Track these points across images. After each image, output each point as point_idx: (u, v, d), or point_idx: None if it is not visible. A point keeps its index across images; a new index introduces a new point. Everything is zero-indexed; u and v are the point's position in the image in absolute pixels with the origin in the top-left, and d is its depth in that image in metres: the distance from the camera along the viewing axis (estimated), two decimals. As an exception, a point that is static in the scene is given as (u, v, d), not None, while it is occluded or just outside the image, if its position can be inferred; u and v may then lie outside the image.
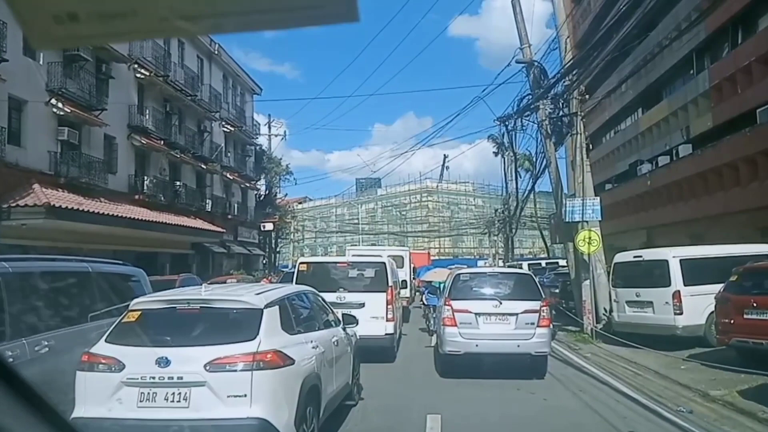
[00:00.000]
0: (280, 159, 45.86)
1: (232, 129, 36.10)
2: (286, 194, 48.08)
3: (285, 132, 45.06)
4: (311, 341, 5.73)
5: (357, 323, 7.41)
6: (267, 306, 5.15)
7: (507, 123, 15.71)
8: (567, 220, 14.79)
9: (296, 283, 10.46)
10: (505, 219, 43.80)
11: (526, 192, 25.11)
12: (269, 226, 40.69)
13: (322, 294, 10.42)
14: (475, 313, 8.93)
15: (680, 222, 24.16)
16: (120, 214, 20.64)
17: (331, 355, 6.36)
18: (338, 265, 11.20)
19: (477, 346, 8.78)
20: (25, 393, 1.04)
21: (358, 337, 8.15)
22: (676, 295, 11.37)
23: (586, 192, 14.84)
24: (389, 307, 10.44)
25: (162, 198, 26.50)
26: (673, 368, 9.91)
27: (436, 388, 8.77)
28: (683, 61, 25.49)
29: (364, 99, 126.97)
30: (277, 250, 48.15)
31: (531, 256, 62.94)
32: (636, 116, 32.29)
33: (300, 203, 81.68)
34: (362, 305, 10.41)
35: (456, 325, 8.90)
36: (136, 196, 24.59)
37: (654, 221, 26.68)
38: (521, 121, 15.31)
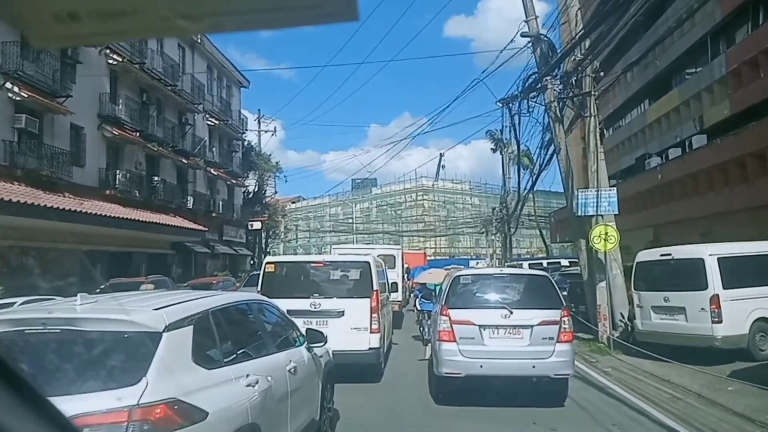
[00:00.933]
0: (270, 155, 44.11)
1: (217, 122, 34.23)
2: (276, 192, 46.24)
3: (275, 128, 43.31)
4: (247, 375, 3.94)
5: (325, 341, 5.59)
6: (170, 327, 3.36)
7: (510, 105, 13.95)
8: (579, 213, 13.03)
9: (261, 288, 8.72)
10: (503, 217, 42.21)
11: (528, 187, 23.32)
12: (257, 225, 38.85)
13: (293, 300, 8.71)
14: (480, 326, 7.12)
15: (691, 219, 22.48)
16: (86, 210, 18.75)
17: (284, 388, 4.59)
18: (313, 265, 9.32)
19: (482, 367, 6.97)
20: (25, 391, 1.04)
21: (331, 356, 6.40)
22: (714, 299, 9.63)
23: (600, 182, 13.09)
24: (374, 316, 8.65)
25: (137, 194, 24.65)
26: (718, 390, 8.17)
27: (430, 420, 7.00)
28: (695, 46, 23.81)
29: (357, 89, 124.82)
30: (268, 250, 46.33)
31: (528, 256, 61.42)
32: (642, 108, 30.62)
33: (293, 202, 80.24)
34: (341, 314, 8.63)
35: (455, 341, 7.10)
36: (108, 192, 22.73)
37: (662, 218, 24.96)
38: (527, 103, 13.53)
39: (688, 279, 10.06)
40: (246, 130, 41.18)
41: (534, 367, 6.92)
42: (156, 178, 26.94)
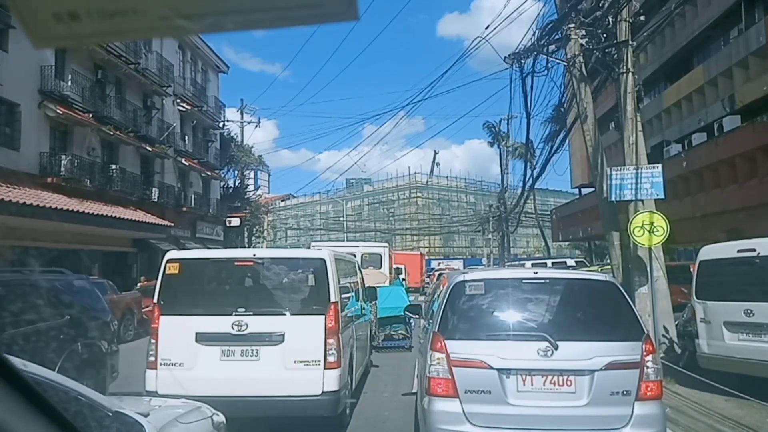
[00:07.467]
0: (251, 146, 41.04)
1: (190, 108, 31.09)
2: (259, 186, 43.17)
3: (259, 119, 40.20)
4: None
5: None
6: None
7: (522, 62, 11.01)
8: (613, 198, 10.11)
9: (159, 297, 5.72)
10: (501, 215, 39.41)
11: (531, 178, 20.23)
12: (236, 222, 35.79)
13: (207, 318, 5.75)
14: (500, 370, 4.11)
15: (713, 214, 19.65)
16: (9, 199, 15.65)
17: None
18: (238, 264, 6.20)
19: (505, 445, 3.99)
20: (27, 392, 1.02)
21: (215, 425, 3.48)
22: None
23: (639, 158, 10.18)
24: (331, 341, 5.63)
25: (88, 183, 21.52)
26: None
27: None
28: (723, 17, 20.97)
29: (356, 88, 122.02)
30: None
31: (525, 256, 58.69)
32: (657, 92, 27.77)
33: (283, 200, 77.39)
34: (280, 339, 5.62)
35: (456, 396, 4.10)
36: (49, 179, 19.63)
37: (675, 215, 22.04)
38: (547, 58, 10.55)
39: (783, 285, 7.13)
40: (226, 120, 38.15)
41: (597, 446, 3.93)
42: (114, 167, 23.81)
